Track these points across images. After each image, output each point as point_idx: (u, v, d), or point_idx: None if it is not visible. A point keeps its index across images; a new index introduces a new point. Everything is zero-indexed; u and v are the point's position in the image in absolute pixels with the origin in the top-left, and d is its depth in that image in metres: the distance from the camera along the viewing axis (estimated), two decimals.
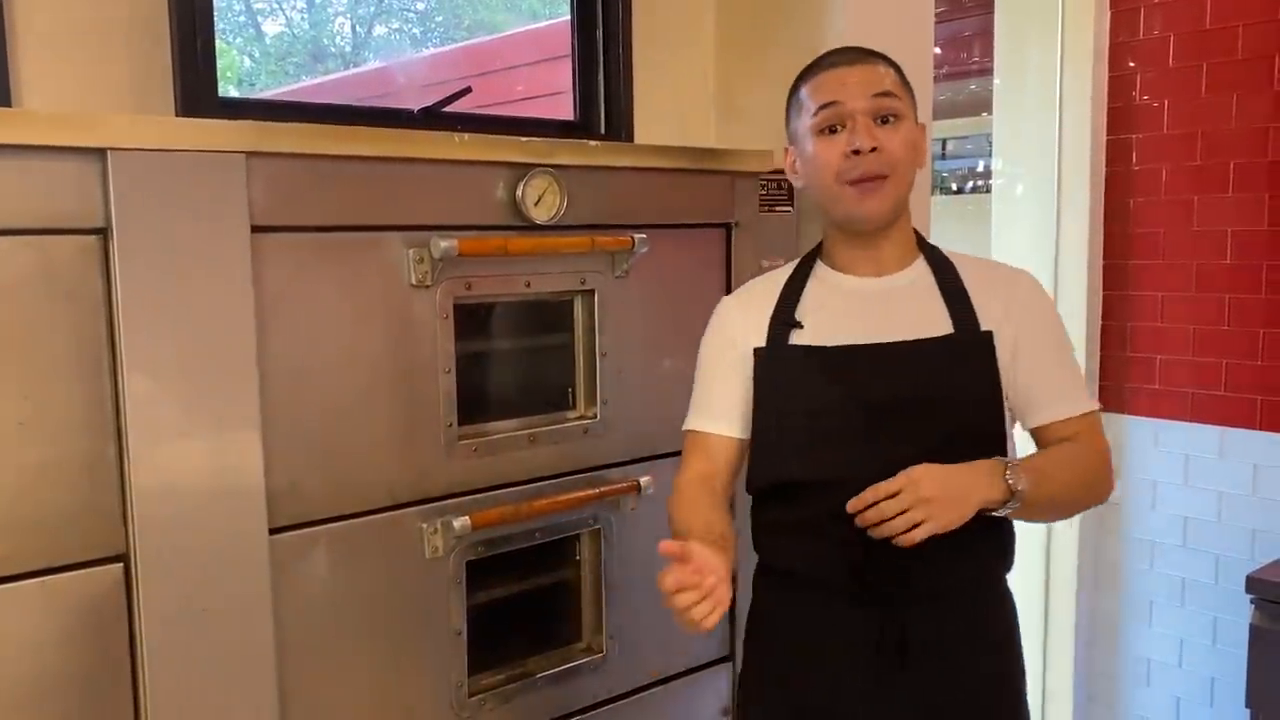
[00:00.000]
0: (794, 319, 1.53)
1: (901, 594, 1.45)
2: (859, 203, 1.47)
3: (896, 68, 1.52)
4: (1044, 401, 1.51)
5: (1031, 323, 1.51)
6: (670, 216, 1.90)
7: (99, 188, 1.30)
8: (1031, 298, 1.53)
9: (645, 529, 1.88)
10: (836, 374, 1.48)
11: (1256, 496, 2.87)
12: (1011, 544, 1.55)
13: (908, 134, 1.48)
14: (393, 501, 1.60)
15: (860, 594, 1.46)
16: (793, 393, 1.51)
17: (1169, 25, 2.98)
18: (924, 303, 1.51)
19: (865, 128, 1.45)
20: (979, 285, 1.52)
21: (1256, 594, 2.55)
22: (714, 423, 1.56)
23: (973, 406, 1.47)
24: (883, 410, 1.44)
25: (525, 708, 1.77)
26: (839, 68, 1.50)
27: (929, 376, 1.47)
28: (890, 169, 1.46)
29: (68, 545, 1.32)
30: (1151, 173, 3.05)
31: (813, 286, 1.57)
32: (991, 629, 1.54)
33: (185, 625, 1.38)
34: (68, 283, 1.30)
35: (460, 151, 1.62)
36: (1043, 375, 1.51)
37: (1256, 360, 2.88)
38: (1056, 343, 1.54)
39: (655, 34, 2.25)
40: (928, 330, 1.49)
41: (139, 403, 1.34)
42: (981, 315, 1.49)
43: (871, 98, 1.46)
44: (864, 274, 1.54)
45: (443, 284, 1.61)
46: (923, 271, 1.54)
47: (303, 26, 3.48)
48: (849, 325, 1.50)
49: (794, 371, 1.51)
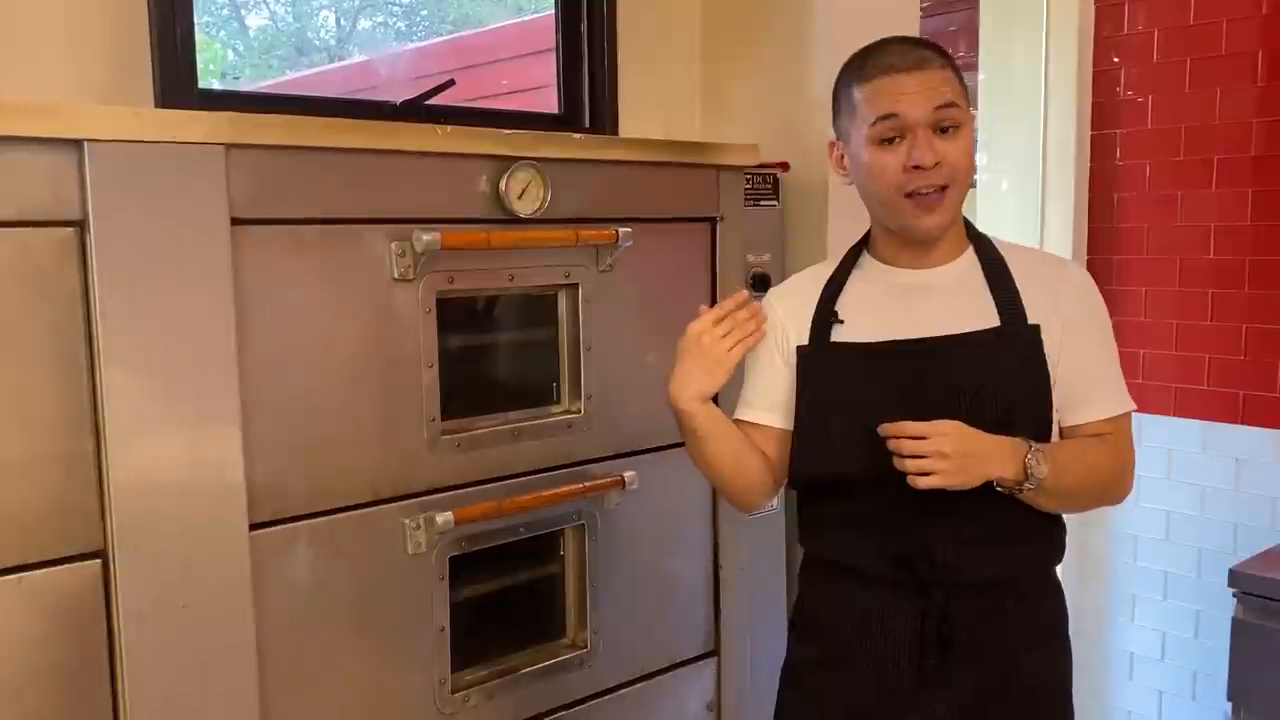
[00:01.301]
0: (835, 314, 1.52)
1: (946, 586, 1.45)
2: (919, 217, 1.44)
3: (953, 64, 1.46)
4: (1082, 400, 1.49)
5: (1079, 318, 1.48)
6: (655, 210, 1.89)
7: (75, 180, 1.29)
8: (1081, 292, 1.50)
9: (630, 524, 1.87)
10: (880, 370, 1.47)
11: (1239, 491, 2.88)
12: (1061, 536, 1.53)
13: (967, 141, 1.44)
14: (375, 497, 1.58)
15: (904, 586, 1.46)
16: (836, 389, 1.50)
17: (1153, 21, 2.98)
18: (971, 295, 1.48)
19: (926, 141, 1.40)
20: (1028, 277, 1.48)
21: (1239, 588, 2.56)
22: (757, 414, 1.58)
23: (1020, 399, 1.44)
24: (927, 405, 1.42)
25: (509, 704, 1.76)
26: (898, 75, 1.42)
27: (975, 370, 1.45)
28: (950, 180, 1.42)
29: (45, 541, 1.31)
30: (1135, 168, 3.05)
31: (857, 279, 1.55)
32: (1039, 622, 1.52)
33: (165, 622, 1.37)
34: (44, 276, 1.28)
35: (443, 144, 1.61)
36: (1084, 373, 1.48)
37: (1239, 355, 2.89)
38: (1101, 340, 1.51)
39: (640, 27, 2.24)
40: (974, 323, 1.46)
41: (117, 397, 1.32)
42: (1030, 307, 1.46)
43: (933, 110, 1.40)
44: (910, 267, 1.52)
45: (425, 277, 1.60)
46: (971, 263, 1.51)
47: (287, 20, 3.46)
48: (893, 319, 1.49)
49: (837, 368, 1.51)
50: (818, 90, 2.12)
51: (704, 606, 2.04)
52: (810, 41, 2.13)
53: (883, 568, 1.47)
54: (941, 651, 1.46)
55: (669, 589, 1.99)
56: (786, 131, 2.16)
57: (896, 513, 1.44)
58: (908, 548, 1.45)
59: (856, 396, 1.48)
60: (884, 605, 1.48)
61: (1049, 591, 1.55)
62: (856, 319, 1.51)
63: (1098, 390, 1.49)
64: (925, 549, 1.44)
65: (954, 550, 1.43)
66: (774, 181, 2.06)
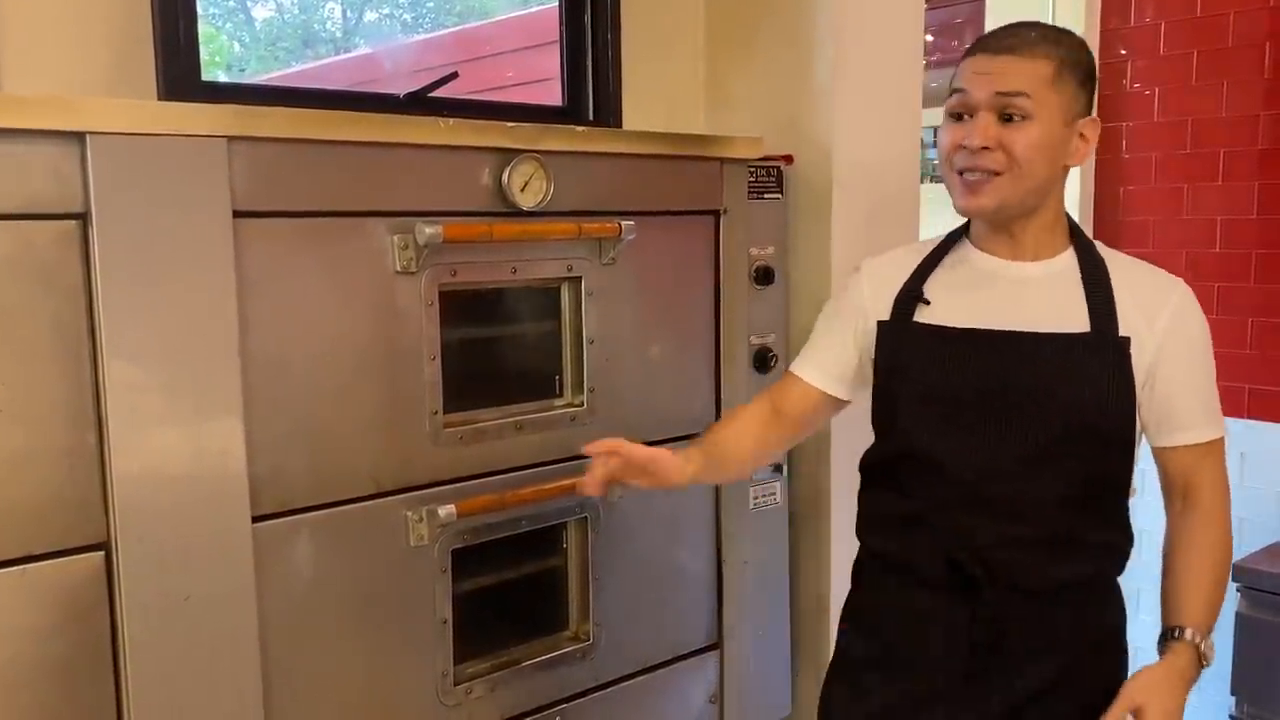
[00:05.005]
0: (921, 294, 1.52)
1: (999, 589, 1.43)
2: (963, 195, 1.45)
3: (1062, 60, 1.40)
4: (1174, 424, 1.46)
5: (1177, 337, 1.43)
6: (658, 203, 1.88)
7: (78, 172, 1.29)
8: (1182, 310, 1.45)
9: (632, 517, 1.87)
10: (954, 356, 1.46)
11: (1243, 485, 2.87)
12: (1126, 546, 1.51)
13: (1037, 135, 1.39)
14: (377, 489, 1.59)
15: (956, 587, 1.45)
16: (908, 371, 1.50)
17: (1160, 13, 2.97)
18: (1062, 296, 1.45)
19: (983, 124, 1.40)
20: (1129, 288, 1.45)
21: (1242, 582, 2.57)
22: (807, 370, 1.63)
23: (1096, 408, 1.41)
24: (995, 399, 1.42)
25: (512, 696, 1.77)
26: (985, 55, 1.42)
27: (1052, 371, 1.42)
28: (1005, 167, 1.40)
29: (47, 533, 1.31)
30: (1142, 161, 3.04)
31: (950, 261, 1.54)
32: (1097, 629, 1.51)
33: (167, 614, 1.37)
34: (47, 268, 1.28)
35: (446, 137, 1.60)
36: (1177, 395, 1.44)
37: (1245, 349, 2.88)
38: (1199, 362, 1.46)
39: (644, 20, 2.24)
40: (1061, 324, 1.43)
41: (119, 389, 1.32)
42: (1124, 319, 1.42)
43: (995, 94, 1.39)
44: (1002, 256, 1.50)
45: (428, 270, 1.60)
46: (1069, 264, 1.48)
47: (293, 11, 3.46)
48: (977, 307, 1.48)
49: (912, 349, 1.50)
50: (822, 82, 2.12)
51: (707, 599, 2.04)
52: (815, 34, 2.12)
53: (936, 567, 1.46)
54: (991, 654, 1.45)
55: (672, 581, 1.99)
56: (791, 124, 2.15)
57: (952, 512, 1.44)
58: (960, 548, 1.44)
59: (930, 379, 1.48)
60: (935, 605, 1.48)
61: (1108, 599, 1.53)
62: (944, 301, 1.51)
63: (1189, 414, 1.46)
64: (977, 550, 1.43)
65: (1008, 553, 1.42)
66: (778, 174, 2.06)
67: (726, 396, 1.99)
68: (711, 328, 1.99)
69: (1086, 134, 1.44)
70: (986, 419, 1.43)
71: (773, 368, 2.04)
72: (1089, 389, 1.41)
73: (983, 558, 1.43)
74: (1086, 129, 1.44)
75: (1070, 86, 1.41)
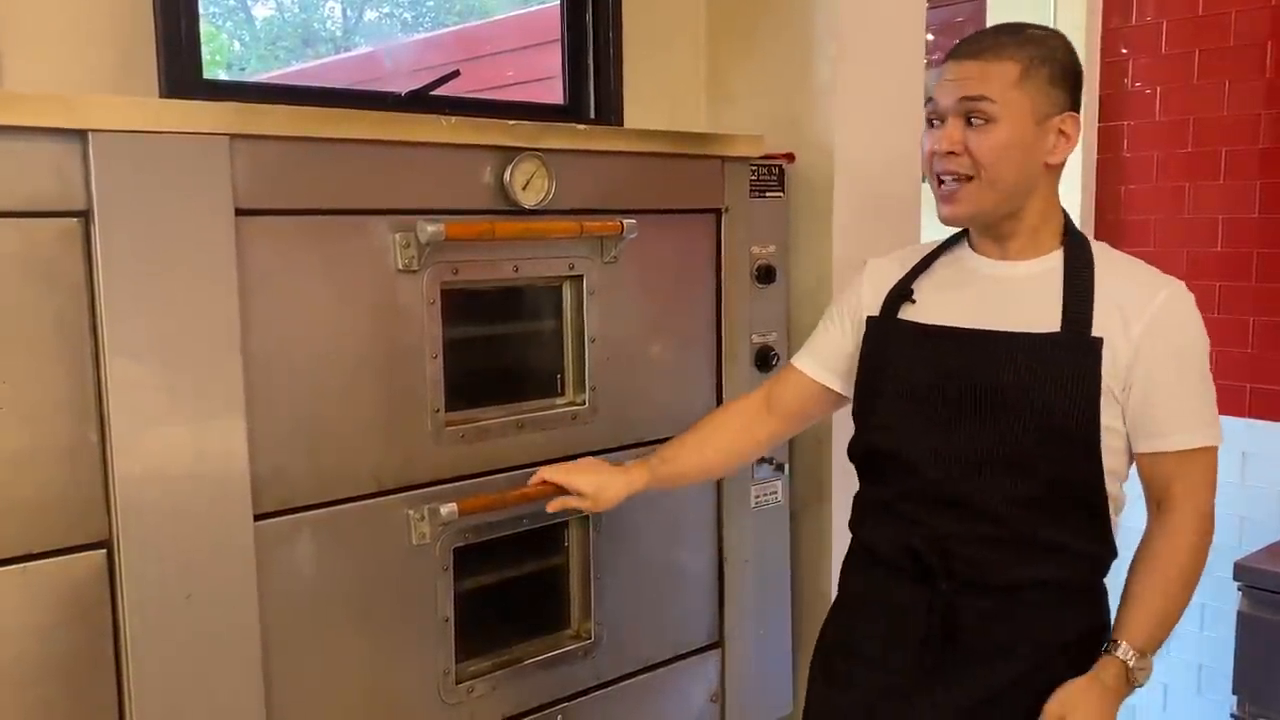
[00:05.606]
0: (910, 292, 1.54)
1: (956, 581, 1.45)
2: (941, 202, 1.46)
3: (1031, 59, 1.39)
4: (1150, 429, 1.42)
5: (1158, 339, 1.39)
6: (660, 201, 1.88)
7: (80, 170, 1.29)
8: (1167, 312, 1.40)
9: (634, 515, 1.87)
10: (930, 354, 1.48)
11: (1245, 484, 2.87)
12: (1105, 550, 1.48)
13: (1004, 137, 1.38)
14: (379, 488, 1.59)
15: (917, 577, 1.47)
16: (888, 366, 1.53)
17: (1161, 11, 2.97)
18: (1042, 296, 1.44)
19: (949, 129, 1.41)
20: (1114, 289, 1.42)
21: (1244, 581, 2.56)
22: (805, 361, 1.67)
23: (1063, 409, 1.39)
24: (967, 397, 1.43)
25: (514, 695, 1.77)
26: (955, 61, 1.43)
27: (1022, 371, 1.41)
28: (973, 170, 1.40)
29: (50, 531, 1.31)
30: (1143, 160, 3.04)
31: (945, 261, 1.56)
32: (1069, 633, 1.47)
33: (169, 612, 1.38)
34: (48, 266, 1.28)
35: (447, 135, 1.60)
36: (1156, 400, 1.40)
37: (1246, 348, 2.88)
38: (1186, 367, 1.42)
39: (645, 18, 2.23)
40: (1037, 324, 1.42)
41: (121, 387, 1.32)
42: (1101, 319, 1.40)
43: (960, 100, 1.40)
44: (991, 256, 1.51)
45: (430, 269, 1.60)
46: (1055, 264, 1.46)
47: (293, 10, 3.46)
48: (958, 306, 1.49)
49: (893, 345, 1.53)
50: (823, 81, 2.12)
51: (708, 598, 2.05)
52: (816, 32, 2.12)
53: (900, 556, 1.49)
54: (948, 647, 1.46)
55: (673, 580, 1.99)
56: (792, 122, 2.15)
57: (919, 504, 1.47)
58: (921, 539, 1.46)
59: (906, 374, 1.50)
60: (898, 594, 1.50)
61: (1085, 604, 1.50)
62: (929, 299, 1.53)
63: (1168, 422, 1.41)
64: (939, 541, 1.45)
65: (970, 549, 1.43)
66: (779, 172, 2.06)
67: (728, 395, 1.99)
68: (713, 326, 1.99)
69: (1067, 130, 1.43)
70: (959, 415, 1.44)
71: (774, 366, 2.04)
72: (1057, 390, 1.40)
73: (943, 549, 1.44)
74: (1066, 125, 1.42)
75: (1039, 85, 1.40)
